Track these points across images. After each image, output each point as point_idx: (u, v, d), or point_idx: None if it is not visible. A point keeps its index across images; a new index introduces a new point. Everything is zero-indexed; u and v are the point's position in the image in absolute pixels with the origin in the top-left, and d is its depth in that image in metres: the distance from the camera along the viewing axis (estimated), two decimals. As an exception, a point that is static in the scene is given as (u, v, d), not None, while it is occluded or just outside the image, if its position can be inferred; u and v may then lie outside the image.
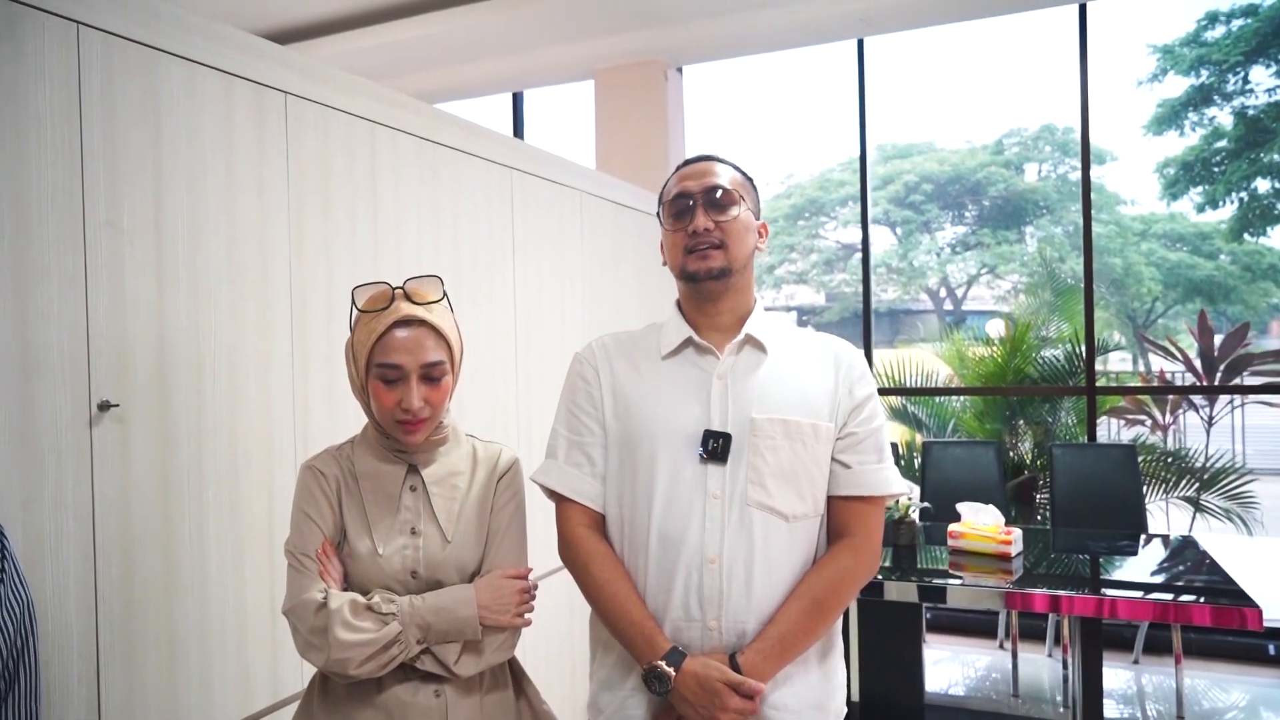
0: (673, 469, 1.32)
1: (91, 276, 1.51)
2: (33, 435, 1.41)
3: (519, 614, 1.35)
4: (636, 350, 1.44)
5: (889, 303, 15.86)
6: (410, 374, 1.30)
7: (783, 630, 1.28)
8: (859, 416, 1.36)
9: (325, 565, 1.29)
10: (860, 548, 1.34)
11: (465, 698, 1.33)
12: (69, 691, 1.47)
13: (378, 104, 2.18)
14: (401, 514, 1.34)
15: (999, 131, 15.46)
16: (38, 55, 1.43)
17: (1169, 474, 4.33)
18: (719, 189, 1.36)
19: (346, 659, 1.23)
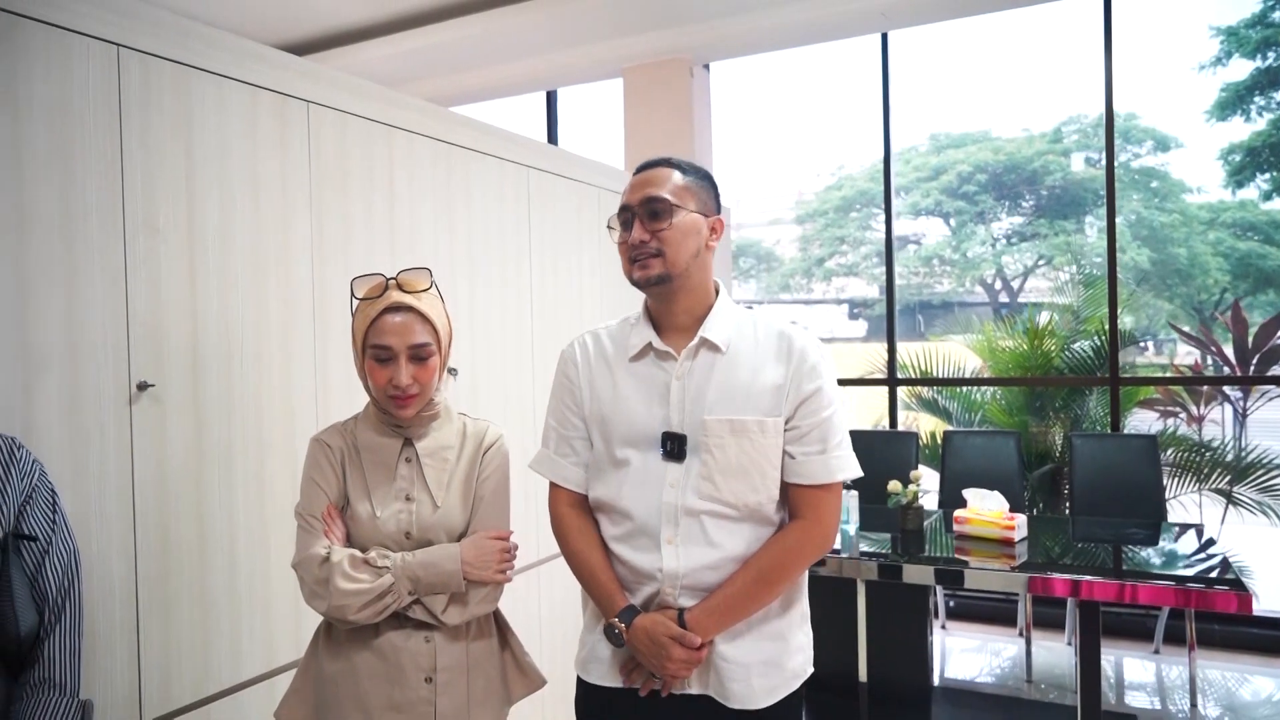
0: (640, 463, 1.48)
1: (131, 271, 1.70)
2: (79, 411, 1.61)
3: (500, 570, 1.51)
4: (611, 351, 1.56)
5: (943, 295, 15.66)
6: (399, 354, 1.46)
7: (728, 594, 1.42)
8: (804, 410, 1.46)
9: (329, 526, 1.47)
10: (809, 528, 1.46)
11: (452, 644, 1.50)
12: (113, 639, 1.66)
13: (393, 108, 2.35)
14: (397, 482, 1.51)
15: (1057, 119, 15.12)
16: (83, 76, 1.62)
17: (1201, 466, 4.29)
18: (655, 199, 1.45)
19: (345, 605, 1.40)
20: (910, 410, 5.25)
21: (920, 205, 15.86)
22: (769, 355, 1.48)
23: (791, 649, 1.52)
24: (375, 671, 1.47)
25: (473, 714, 1.52)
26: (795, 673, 1.52)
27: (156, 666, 1.74)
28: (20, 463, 1.35)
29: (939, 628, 4.24)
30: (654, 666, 1.43)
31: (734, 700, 1.45)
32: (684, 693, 1.46)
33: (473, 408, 2.61)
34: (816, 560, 1.50)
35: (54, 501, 1.38)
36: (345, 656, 1.48)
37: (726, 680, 1.45)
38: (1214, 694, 3.48)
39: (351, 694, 1.47)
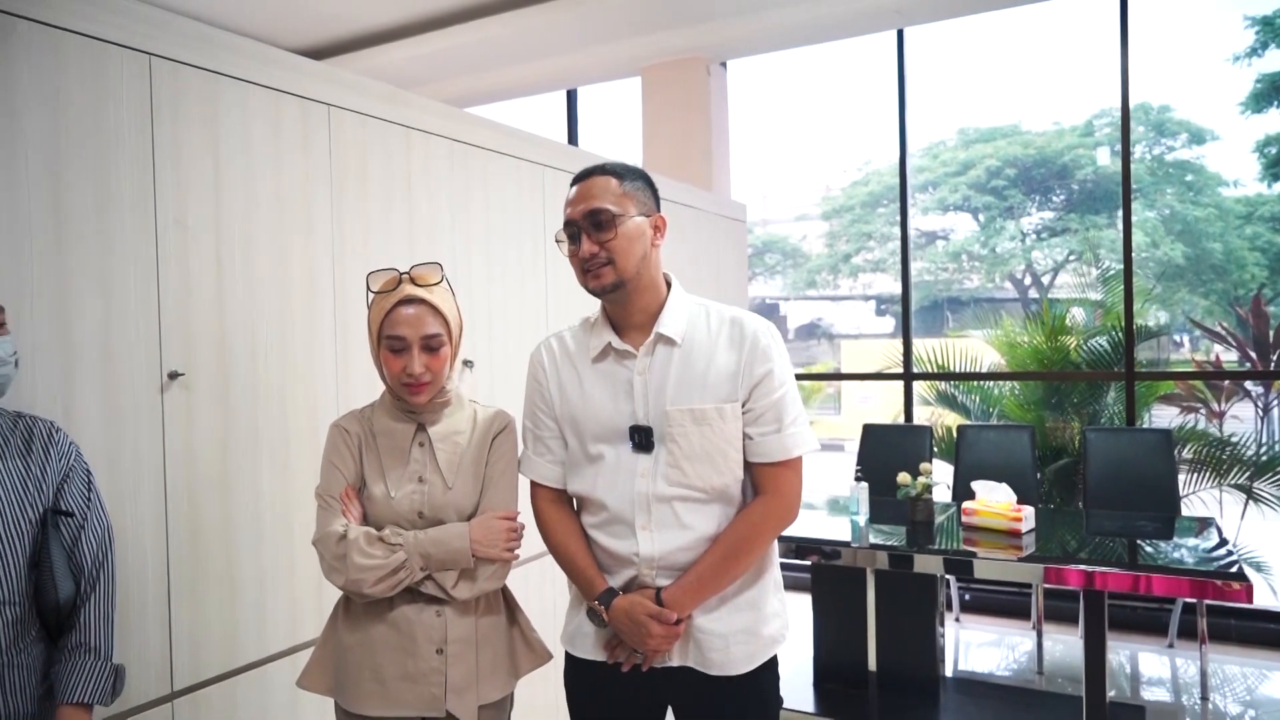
0: (612, 457, 1.55)
1: (162, 267, 1.81)
2: (114, 398, 1.72)
3: (507, 549, 1.60)
4: (575, 351, 1.63)
5: (971, 291, 15.53)
6: (412, 344, 1.54)
7: (700, 571, 1.50)
8: (757, 392, 1.52)
9: (347, 505, 1.56)
10: (770, 503, 1.54)
11: (462, 618, 1.59)
12: (145, 612, 1.77)
13: (411, 110, 2.44)
14: (411, 465, 1.60)
15: (1089, 111, 14.92)
16: (117, 84, 1.73)
17: (1221, 462, 4.28)
18: (598, 211, 1.50)
19: (361, 579, 1.50)
20: (929, 405, 5.28)
21: (948, 200, 15.75)
22: (722, 343, 1.54)
23: (767, 616, 1.59)
24: (390, 643, 1.56)
25: (481, 684, 1.60)
26: (772, 638, 1.59)
27: (186, 639, 1.85)
28: (58, 445, 1.45)
29: (953, 620, 4.27)
30: (635, 643, 1.51)
31: (714, 668, 1.52)
32: (665, 665, 1.54)
33: (489, 399, 2.70)
34: (780, 532, 1.57)
35: (89, 480, 1.49)
36: (362, 629, 1.58)
37: (706, 650, 1.53)
38: (1226, 688, 3.48)
39: (368, 664, 1.56)
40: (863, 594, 3.28)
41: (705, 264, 4.12)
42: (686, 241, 3.95)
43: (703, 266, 4.09)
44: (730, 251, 4.34)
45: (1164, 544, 3.03)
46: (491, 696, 1.62)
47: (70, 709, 1.35)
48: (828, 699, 3.29)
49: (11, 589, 1.34)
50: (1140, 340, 4.49)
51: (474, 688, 1.59)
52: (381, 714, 1.55)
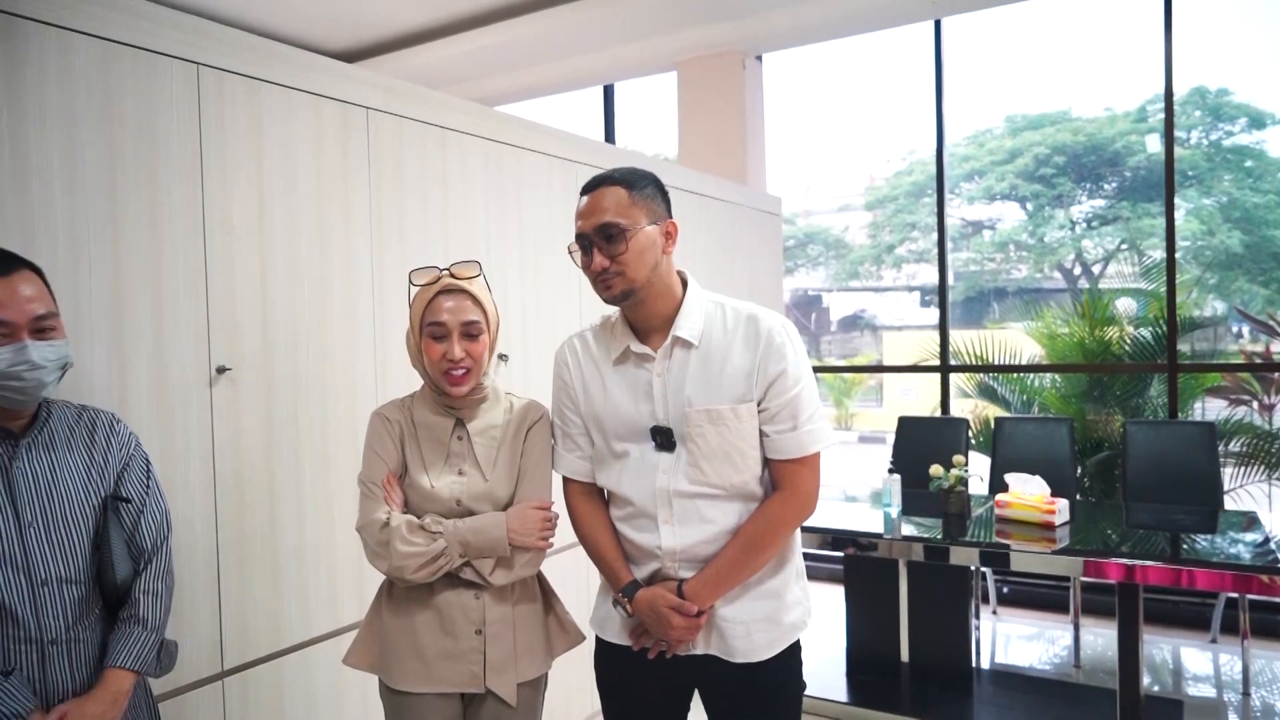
0: (638, 454, 1.60)
1: (210, 267, 1.90)
2: (166, 392, 1.82)
3: (542, 538, 1.67)
4: (598, 353, 1.68)
5: (1019, 281, 15.26)
6: (453, 331, 1.62)
7: (720, 564, 1.55)
8: (772, 391, 1.55)
9: (389, 493, 1.64)
10: (788, 498, 1.57)
11: (499, 604, 1.67)
12: (196, 594, 1.88)
13: (447, 111, 2.51)
14: (450, 458, 1.68)
15: (1143, 97, 14.54)
16: (167, 93, 1.83)
17: (1270, 454, 4.19)
18: (608, 226, 1.52)
19: (404, 565, 1.57)
20: (968, 398, 5.24)
21: (995, 189, 15.46)
22: (738, 342, 1.57)
23: (788, 604, 1.63)
24: (431, 625, 1.64)
25: (519, 663, 1.68)
26: (794, 625, 1.63)
27: (235, 620, 1.95)
28: (119, 435, 1.55)
29: (990, 613, 4.25)
30: (659, 634, 1.56)
31: (738, 655, 1.57)
32: (690, 653, 1.59)
33: (524, 391, 2.76)
34: (798, 526, 1.61)
35: (148, 469, 1.58)
36: (405, 612, 1.66)
37: (730, 638, 1.57)
38: (1269, 684, 3.42)
39: (410, 645, 1.64)
40: (895, 585, 3.29)
41: (740, 257, 4.14)
42: (720, 235, 3.98)
43: (737, 260, 4.12)
44: (765, 244, 4.36)
45: (1204, 538, 2.99)
46: (528, 675, 1.69)
47: (114, 672, 1.44)
48: (860, 689, 3.31)
49: (77, 569, 1.44)
50: (1185, 331, 4.40)
51: (513, 667, 1.67)
52: (424, 690, 1.63)
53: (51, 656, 1.41)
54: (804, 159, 17.20)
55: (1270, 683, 3.43)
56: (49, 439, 1.46)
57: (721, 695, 1.63)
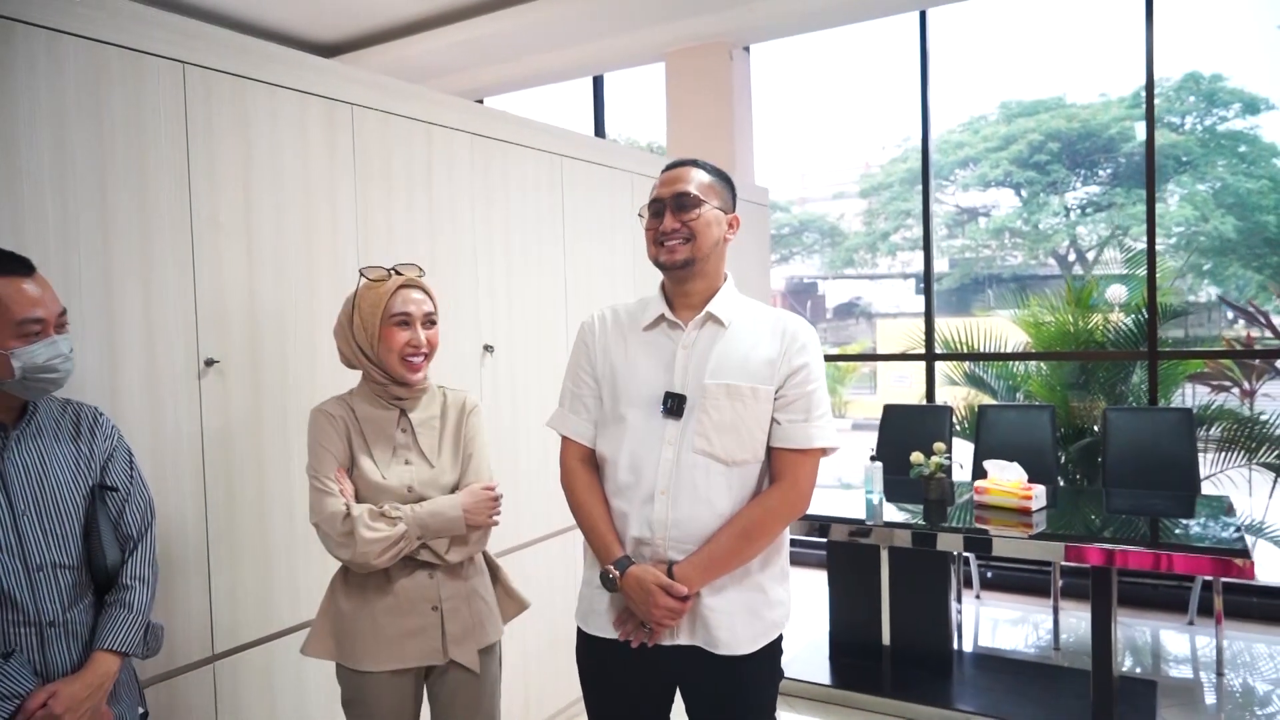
0: (640, 421, 1.65)
1: (197, 263, 1.95)
2: (155, 384, 1.87)
3: (490, 516, 1.80)
4: (626, 322, 1.74)
5: (1014, 268, 15.31)
6: (416, 320, 1.77)
7: (713, 550, 1.59)
8: (792, 381, 1.62)
9: (341, 484, 1.72)
10: (787, 491, 1.62)
11: (453, 580, 1.79)
12: (188, 577, 1.93)
13: (432, 106, 2.55)
14: (397, 450, 1.79)
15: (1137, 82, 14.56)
16: (154, 93, 1.87)
17: (1249, 439, 4.25)
18: (685, 194, 1.63)
19: (369, 552, 1.65)
20: (957, 385, 5.30)
21: (989, 176, 15.50)
22: (766, 333, 1.65)
23: (771, 601, 1.67)
24: (390, 607, 1.73)
25: (475, 633, 1.80)
26: (775, 623, 1.68)
27: (225, 606, 2.01)
28: (103, 427, 1.60)
29: (974, 598, 4.33)
30: (643, 614, 1.58)
31: (721, 647, 1.60)
32: (674, 643, 1.62)
33: (509, 383, 2.83)
34: (792, 520, 1.66)
35: (130, 459, 1.64)
36: (363, 598, 1.75)
37: (713, 629, 1.60)
38: (1243, 665, 3.50)
39: (369, 627, 1.73)
40: (877, 570, 3.36)
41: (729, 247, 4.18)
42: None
43: (724, 250, 4.16)
44: (752, 234, 4.40)
45: (1180, 522, 3.06)
46: (486, 641, 1.84)
47: (101, 654, 1.50)
48: (843, 673, 3.38)
49: (69, 554, 1.50)
50: (1167, 319, 4.46)
51: (471, 636, 1.79)
52: (385, 668, 1.73)
53: (50, 638, 1.47)
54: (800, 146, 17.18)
55: (1245, 664, 3.51)
56: (37, 430, 1.51)
57: (703, 689, 1.65)
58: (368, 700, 1.76)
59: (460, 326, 2.66)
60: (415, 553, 1.72)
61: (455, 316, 2.63)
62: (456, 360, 2.64)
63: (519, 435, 2.85)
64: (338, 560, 1.72)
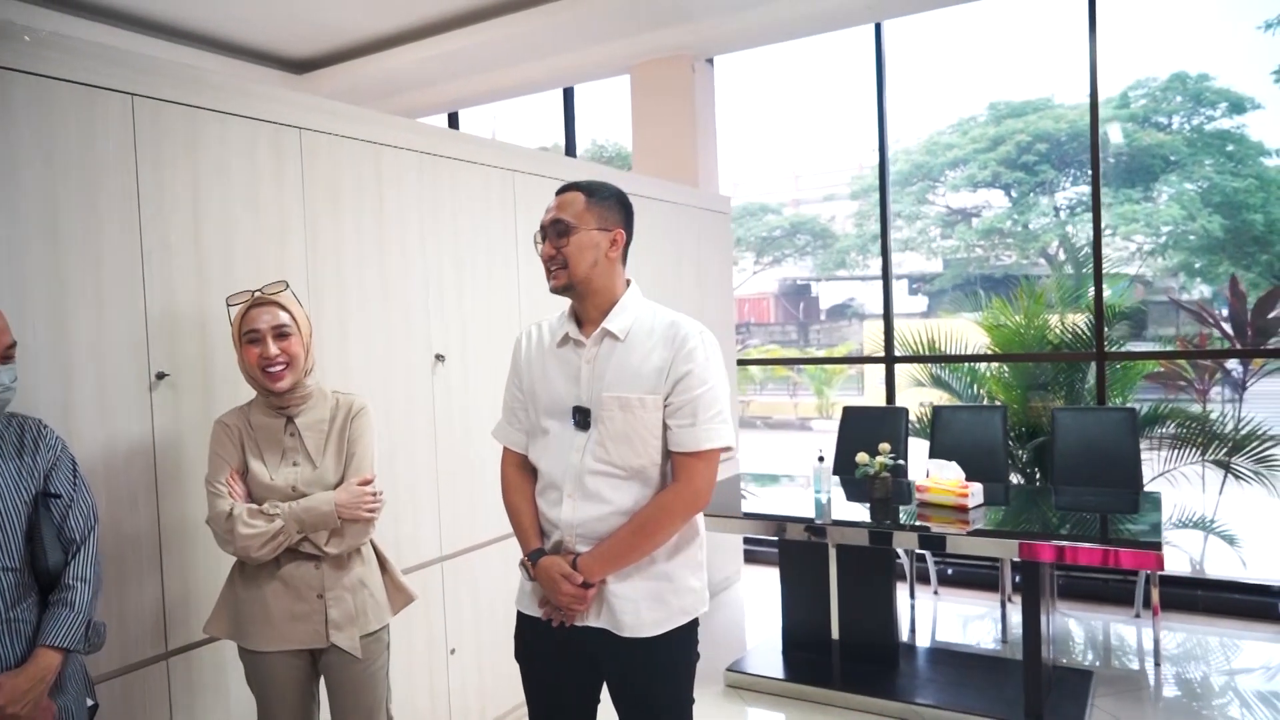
0: (559, 432, 1.80)
1: (148, 283, 2.07)
2: (107, 397, 1.99)
3: (368, 509, 1.97)
4: (547, 339, 1.88)
5: (1005, 268, 15.42)
6: (265, 334, 1.91)
7: (612, 544, 1.73)
8: (679, 388, 1.74)
9: (232, 488, 1.91)
10: (680, 490, 1.75)
11: (337, 571, 1.98)
12: (141, 577, 2.06)
13: (380, 128, 2.68)
14: (285, 453, 1.97)
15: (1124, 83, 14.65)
16: (104, 122, 1.99)
17: (1198, 437, 4.37)
18: (558, 220, 1.76)
19: (248, 546, 1.86)
20: (923, 387, 5.41)
21: (978, 177, 15.62)
22: (658, 342, 1.76)
23: (679, 589, 1.79)
24: (279, 593, 1.94)
25: (359, 620, 1.99)
26: (684, 609, 1.80)
27: (178, 604, 2.13)
28: (46, 439, 1.72)
29: (931, 593, 4.44)
30: (553, 599, 1.75)
31: (625, 630, 1.74)
32: (585, 624, 1.77)
33: (462, 391, 2.95)
34: (688, 517, 1.78)
35: (74, 467, 1.76)
36: (255, 583, 1.95)
37: (618, 613, 1.74)
38: (1182, 656, 3.61)
39: (261, 610, 1.94)
40: (826, 568, 3.48)
41: (687, 256, 4.31)
42: (667, 235, 4.15)
43: (684, 258, 4.29)
44: (712, 243, 4.53)
45: (1111, 517, 3.17)
46: (369, 628, 2.02)
47: (43, 650, 1.62)
48: (795, 667, 3.50)
49: (11, 557, 1.61)
50: (1117, 321, 4.57)
51: (353, 623, 1.98)
52: (275, 648, 1.94)
53: (-7, 635, 1.59)
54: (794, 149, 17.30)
55: (1184, 655, 3.62)
56: None
57: (614, 667, 1.80)
58: (262, 677, 1.97)
59: (412, 337, 2.78)
60: (299, 545, 1.91)
61: (406, 328, 2.76)
62: (407, 370, 2.77)
63: (471, 440, 2.97)
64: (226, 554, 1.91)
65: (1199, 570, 4.61)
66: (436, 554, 2.87)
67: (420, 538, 2.81)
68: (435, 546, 2.87)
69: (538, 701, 1.89)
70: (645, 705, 1.79)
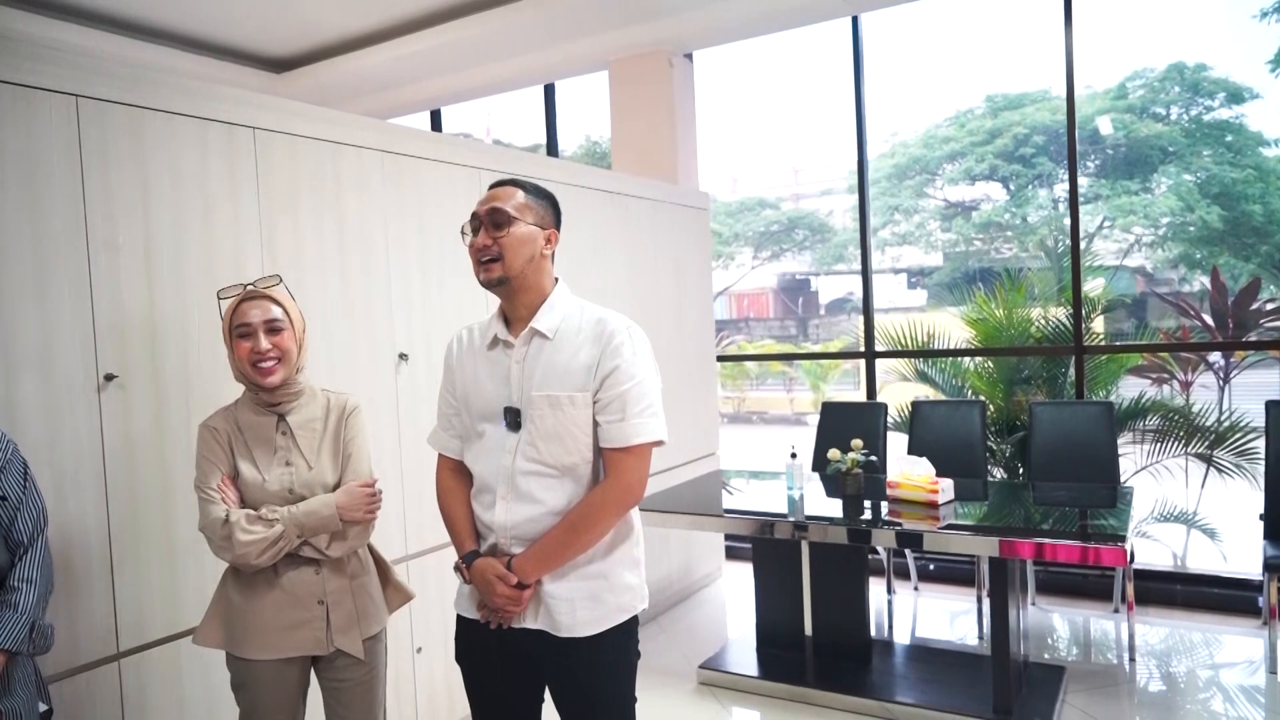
0: (491, 434, 1.78)
1: (95, 283, 2.07)
2: (54, 398, 1.99)
3: (369, 511, 1.90)
4: (478, 342, 1.86)
5: (1004, 261, 15.37)
6: (257, 328, 1.84)
7: (545, 543, 1.72)
8: (607, 384, 1.72)
9: (224, 493, 1.83)
10: (611, 486, 1.73)
11: (337, 576, 1.91)
12: (90, 579, 2.05)
13: (339, 127, 2.67)
14: (277, 452, 1.89)
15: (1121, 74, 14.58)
16: (46, 123, 1.99)
17: (1179, 430, 4.34)
18: (498, 211, 1.72)
19: (247, 554, 1.77)
20: (909, 382, 5.39)
21: (975, 170, 15.55)
22: (586, 340, 1.75)
23: (615, 587, 1.78)
24: (278, 601, 1.85)
25: (360, 623, 1.92)
26: (621, 608, 1.78)
27: (131, 605, 2.13)
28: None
29: (912, 589, 4.43)
30: (488, 600, 1.73)
31: (562, 630, 1.73)
32: (523, 626, 1.75)
33: (428, 390, 2.94)
34: (621, 513, 1.76)
35: (25, 470, 1.75)
36: (250, 591, 1.86)
37: (554, 613, 1.73)
38: (1158, 651, 3.60)
39: (256, 620, 1.85)
40: (798, 564, 3.47)
41: (664, 253, 4.29)
42: (643, 231, 4.13)
43: (661, 255, 4.27)
44: (690, 239, 4.51)
45: (1072, 511, 3.16)
46: (370, 631, 1.97)
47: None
48: (768, 663, 3.49)
49: (-45, 559, 1.61)
50: (1099, 314, 4.54)
51: (355, 626, 1.91)
52: (274, 657, 1.85)
53: (-60, 635, 1.59)
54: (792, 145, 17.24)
55: (1160, 649, 3.60)
56: None
57: (553, 668, 1.78)
58: (254, 686, 1.88)
59: (375, 336, 2.77)
60: (299, 549, 1.84)
61: (368, 326, 2.75)
62: (371, 368, 2.76)
63: (438, 439, 2.96)
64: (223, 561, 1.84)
65: (1181, 565, 4.59)
66: (402, 552, 2.87)
67: (385, 536, 2.80)
68: (401, 545, 2.87)
69: (481, 704, 1.88)
70: (586, 705, 1.78)
